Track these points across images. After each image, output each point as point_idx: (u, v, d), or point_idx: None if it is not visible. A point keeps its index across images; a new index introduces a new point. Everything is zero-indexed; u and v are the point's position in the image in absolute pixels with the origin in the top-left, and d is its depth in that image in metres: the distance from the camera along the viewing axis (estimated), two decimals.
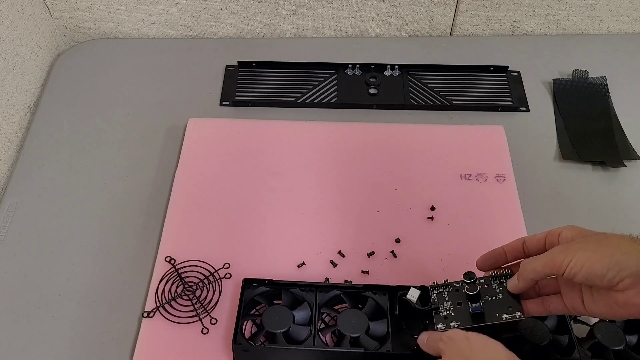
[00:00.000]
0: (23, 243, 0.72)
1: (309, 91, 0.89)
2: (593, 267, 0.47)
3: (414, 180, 0.77)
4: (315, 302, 0.62)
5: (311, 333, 0.60)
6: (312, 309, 0.62)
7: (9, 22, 0.83)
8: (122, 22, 0.97)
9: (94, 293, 0.68)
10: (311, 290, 0.63)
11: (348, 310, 0.62)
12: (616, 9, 0.95)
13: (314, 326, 0.61)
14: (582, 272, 0.47)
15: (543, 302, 0.54)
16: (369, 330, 0.60)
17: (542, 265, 0.51)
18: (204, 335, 0.63)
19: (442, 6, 0.95)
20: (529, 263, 0.52)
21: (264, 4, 0.94)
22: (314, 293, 0.63)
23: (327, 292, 0.63)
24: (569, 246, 0.50)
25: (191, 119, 0.83)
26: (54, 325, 0.65)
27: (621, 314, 0.49)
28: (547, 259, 0.50)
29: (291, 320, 0.60)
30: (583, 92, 0.88)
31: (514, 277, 0.55)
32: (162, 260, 0.69)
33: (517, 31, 0.99)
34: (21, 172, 0.80)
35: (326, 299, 0.63)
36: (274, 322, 0.60)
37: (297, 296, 0.63)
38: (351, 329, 0.59)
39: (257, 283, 0.64)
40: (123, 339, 0.64)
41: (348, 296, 0.63)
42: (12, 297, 0.68)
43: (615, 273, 0.47)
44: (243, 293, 0.63)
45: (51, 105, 0.88)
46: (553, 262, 0.50)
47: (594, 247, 0.48)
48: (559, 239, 0.53)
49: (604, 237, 0.50)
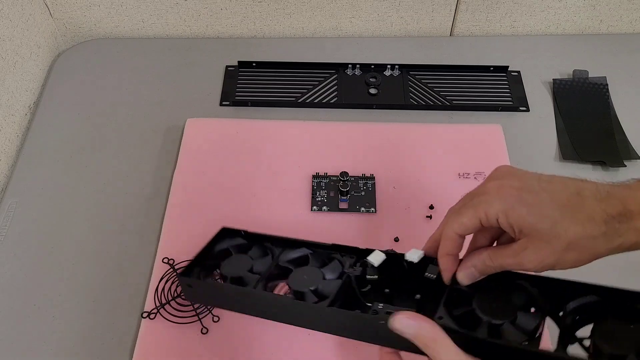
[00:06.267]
0: (23, 243, 0.72)
1: (309, 91, 0.89)
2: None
3: (412, 179, 0.77)
4: (277, 256, 0.57)
5: (260, 282, 0.54)
6: (272, 261, 0.57)
7: (8, 22, 0.83)
8: (122, 22, 0.97)
9: (94, 293, 0.68)
10: (281, 245, 0.58)
11: (306, 267, 0.56)
12: (616, 9, 0.95)
13: (266, 275, 0.55)
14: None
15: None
16: (318, 289, 0.53)
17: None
18: (204, 335, 0.63)
19: (442, 6, 0.95)
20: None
21: (264, 4, 0.94)
22: (281, 249, 0.58)
23: (295, 250, 0.58)
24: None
25: (189, 119, 0.83)
26: (54, 325, 0.65)
27: (510, 264, 0.45)
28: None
29: (248, 268, 0.56)
30: (583, 92, 0.88)
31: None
32: (161, 261, 0.69)
33: (517, 31, 0.99)
34: (21, 172, 0.80)
35: (292, 257, 0.57)
36: (231, 268, 0.56)
37: (267, 249, 0.59)
38: (299, 283, 0.53)
39: (235, 235, 0.60)
40: (122, 339, 0.64)
41: (316, 259, 0.57)
42: (12, 297, 0.68)
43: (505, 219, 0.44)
44: (217, 239, 0.59)
45: (51, 105, 0.88)
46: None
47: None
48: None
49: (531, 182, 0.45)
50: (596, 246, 0.43)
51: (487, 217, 0.45)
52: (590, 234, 0.42)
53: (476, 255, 0.48)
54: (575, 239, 0.42)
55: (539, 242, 0.43)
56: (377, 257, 0.53)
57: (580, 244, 0.42)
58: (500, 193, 0.45)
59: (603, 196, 0.43)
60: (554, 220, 0.43)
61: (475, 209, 0.45)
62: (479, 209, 0.45)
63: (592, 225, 0.42)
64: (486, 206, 0.45)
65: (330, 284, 0.53)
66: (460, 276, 0.48)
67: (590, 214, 0.42)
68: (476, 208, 0.45)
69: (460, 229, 0.47)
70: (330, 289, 0.52)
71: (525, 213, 0.43)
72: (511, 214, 0.44)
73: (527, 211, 0.43)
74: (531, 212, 0.43)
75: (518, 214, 0.43)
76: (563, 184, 0.45)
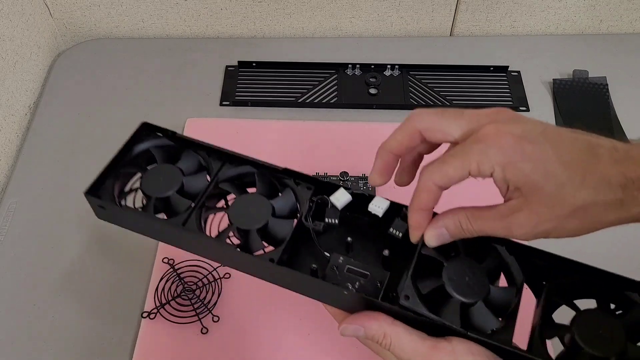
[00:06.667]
0: (23, 243, 0.72)
1: (309, 91, 0.89)
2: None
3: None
4: (215, 174, 0.47)
5: (191, 211, 0.45)
6: (210, 181, 0.47)
7: (9, 22, 0.83)
8: (122, 22, 0.97)
9: (94, 293, 0.68)
10: (220, 159, 0.48)
11: (252, 195, 0.46)
12: (616, 9, 0.95)
13: (200, 202, 0.45)
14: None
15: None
16: (268, 228, 0.44)
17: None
18: (204, 335, 0.63)
19: (442, 6, 0.95)
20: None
21: (264, 4, 0.94)
22: (222, 163, 0.48)
23: (237, 166, 0.48)
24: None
25: (189, 118, 0.84)
26: (54, 325, 0.65)
27: (496, 229, 0.39)
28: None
29: (177, 187, 0.46)
30: (583, 92, 0.88)
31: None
32: (161, 261, 0.69)
33: (517, 31, 0.99)
34: (21, 172, 0.80)
35: (233, 175, 0.48)
36: (154, 184, 0.46)
37: (202, 162, 0.49)
38: (243, 219, 0.44)
39: (160, 132, 0.50)
40: (122, 340, 0.64)
41: (263, 180, 0.47)
42: (12, 297, 0.68)
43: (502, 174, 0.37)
44: (136, 139, 0.49)
45: (51, 105, 0.88)
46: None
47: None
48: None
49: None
50: (607, 215, 0.36)
51: (480, 169, 0.37)
52: (603, 200, 0.35)
53: (450, 214, 0.40)
54: (584, 205, 0.35)
55: (537, 205, 0.36)
56: (341, 197, 0.44)
57: (589, 211, 0.36)
58: (498, 141, 0.37)
59: (621, 156, 0.36)
60: (560, 179, 0.36)
61: (465, 158, 0.38)
62: (470, 159, 0.37)
63: (607, 190, 0.35)
64: (480, 156, 0.37)
65: (281, 224, 0.44)
66: (427, 236, 0.41)
67: (605, 176, 0.35)
68: (466, 157, 0.38)
69: (442, 180, 0.39)
70: (281, 230, 0.44)
71: (527, 169, 0.36)
72: (511, 169, 0.37)
73: (530, 167, 0.36)
74: (535, 168, 0.36)
75: (519, 169, 0.36)
76: (573, 138, 0.37)
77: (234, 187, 0.47)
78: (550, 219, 0.36)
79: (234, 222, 0.44)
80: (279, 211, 0.45)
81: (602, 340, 0.37)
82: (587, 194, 0.35)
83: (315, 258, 0.45)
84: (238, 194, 0.47)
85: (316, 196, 0.46)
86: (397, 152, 0.42)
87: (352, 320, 0.41)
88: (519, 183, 0.37)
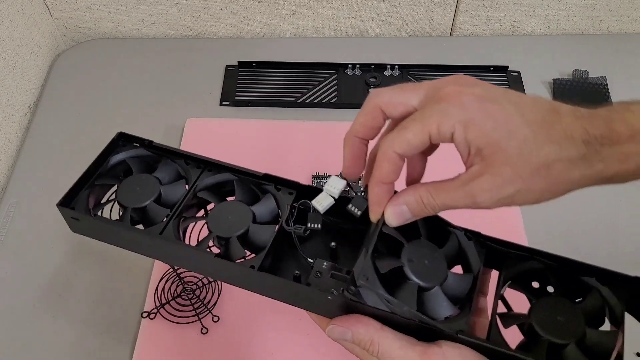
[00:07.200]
0: (23, 243, 0.72)
1: (309, 91, 0.89)
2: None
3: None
4: (193, 183, 0.46)
5: (169, 220, 0.44)
6: (188, 189, 0.46)
7: (9, 22, 0.83)
8: (122, 22, 0.97)
9: (94, 293, 0.68)
10: (199, 167, 0.47)
11: (231, 202, 0.45)
12: (616, 8, 0.95)
13: (176, 211, 0.44)
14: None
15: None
16: (248, 235, 0.43)
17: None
18: (204, 335, 0.63)
19: (442, 6, 0.95)
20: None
21: (264, 3, 0.94)
22: (201, 171, 0.47)
23: (216, 174, 0.47)
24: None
25: (189, 118, 0.83)
26: (54, 325, 0.65)
27: (459, 197, 0.37)
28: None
29: (154, 196, 0.44)
30: (583, 92, 0.88)
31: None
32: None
33: (517, 31, 0.98)
34: (21, 172, 0.80)
35: (212, 183, 0.46)
36: (131, 194, 0.44)
37: (180, 171, 0.48)
38: (222, 226, 0.43)
39: (136, 142, 0.49)
40: (122, 339, 0.64)
41: (242, 188, 0.46)
42: (12, 297, 0.68)
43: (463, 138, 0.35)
44: (111, 149, 0.48)
45: (51, 105, 0.88)
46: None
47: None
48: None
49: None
50: (571, 172, 0.35)
51: (439, 130, 0.35)
52: (566, 155, 0.34)
53: (411, 190, 0.38)
54: (548, 161, 0.34)
55: (500, 167, 0.35)
56: (323, 202, 0.42)
57: (553, 168, 0.35)
58: (459, 100, 0.36)
59: (583, 114, 0.36)
60: (524, 137, 0.34)
61: (425, 120, 0.36)
62: (431, 121, 0.36)
63: (570, 144, 0.34)
64: (440, 117, 0.35)
65: (261, 230, 0.43)
66: (388, 213, 0.38)
67: (567, 132, 0.35)
68: (426, 119, 0.36)
69: (402, 147, 0.37)
70: (262, 236, 0.42)
71: (489, 127, 0.35)
72: (472, 128, 0.35)
73: (492, 125, 0.35)
74: (497, 126, 0.35)
75: (481, 127, 0.35)
76: (534, 100, 0.37)
77: (213, 195, 0.46)
78: (514, 180, 0.35)
79: (213, 230, 0.43)
80: (260, 217, 0.44)
81: (561, 326, 0.37)
82: (550, 150, 0.34)
83: (299, 264, 0.43)
84: (217, 202, 0.45)
85: (298, 202, 0.44)
86: (363, 135, 0.40)
87: (339, 321, 0.39)
88: (480, 143, 0.35)
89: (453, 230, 0.42)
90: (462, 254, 0.41)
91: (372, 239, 0.39)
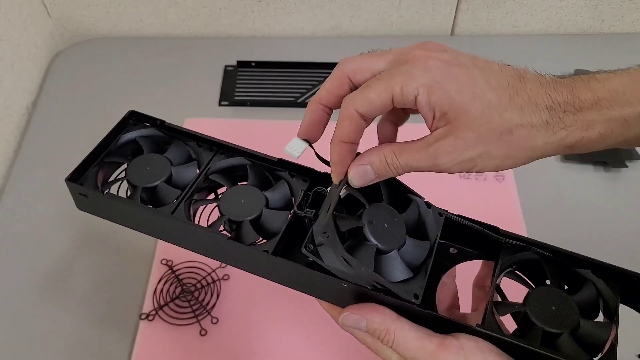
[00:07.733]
0: (22, 243, 0.72)
1: (309, 91, 0.88)
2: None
3: (412, 179, 0.76)
4: (205, 165, 0.45)
5: (180, 200, 0.43)
6: (200, 171, 0.45)
7: (6, 22, 0.83)
8: (120, 22, 0.97)
9: (93, 294, 0.68)
10: (212, 149, 0.47)
11: (244, 186, 0.44)
12: (617, 8, 0.95)
13: (188, 192, 0.43)
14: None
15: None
16: (260, 219, 0.42)
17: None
18: (202, 336, 0.63)
19: (443, 6, 0.94)
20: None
21: (263, 3, 0.94)
22: (213, 154, 0.46)
23: (229, 158, 0.46)
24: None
25: (188, 118, 0.83)
26: (53, 325, 0.65)
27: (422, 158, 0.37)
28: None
29: (165, 177, 0.44)
30: None
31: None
32: (160, 262, 0.68)
33: (518, 31, 0.98)
34: (20, 172, 0.79)
35: (224, 166, 0.46)
36: (141, 173, 0.44)
37: (191, 153, 0.47)
38: (234, 210, 0.42)
39: (147, 122, 0.49)
40: (121, 341, 0.64)
41: (255, 173, 0.45)
42: (12, 297, 0.67)
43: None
44: (121, 127, 0.48)
45: (49, 105, 0.88)
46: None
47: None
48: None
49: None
50: (533, 139, 0.35)
51: (403, 92, 0.35)
52: (529, 121, 0.35)
53: (375, 150, 0.38)
54: (510, 126, 0.35)
55: (463, 130, 0.35)
56: (297, 147, 0.43)
57: (516, 133, 0.35)
58: (425, 63, 0.36)
59: (548, 81, 0.37)
60: (487, 101, 0.35)
61: (389, 81, 0.36)
62: (394, 81, 0.35)
63: (533, 110, 0.35)
64: (404, 78, 0.35)
65: (274, 216, 0.42)
66: (351, 173, 0.38)
67: (531, 97, 0.35)
68: (390, 80, 0.36)
69: (364, 106, 0.36)
70: (274, 222, 0.42)
71: (453, 90, 0.35)
72: (435, 91, 0.35)
73: (456, 89, 0.35)
74: (461, 90, 0.35)
75: (444, 90, 0.35)
76: (501, 66, 0.37)
77: (225, 179, 0.45)
78: (476, 143, 0.35)
79: (225, 213, 0.42)
80: (273, 203, 0.44)
81: (555, 316, 0.37)
82: (512, 115, 0.35)
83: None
84: (229, 186, 0.44)
85: (312, 188, 0.44)
86: (327, 103, 0.40)
87: (354, 309, 0.38)
88: (444, 106, 0.35)
89: (414, 197, 0.42)
90: (421, 221, 0.41)
91: (333, 199, 0.38)
